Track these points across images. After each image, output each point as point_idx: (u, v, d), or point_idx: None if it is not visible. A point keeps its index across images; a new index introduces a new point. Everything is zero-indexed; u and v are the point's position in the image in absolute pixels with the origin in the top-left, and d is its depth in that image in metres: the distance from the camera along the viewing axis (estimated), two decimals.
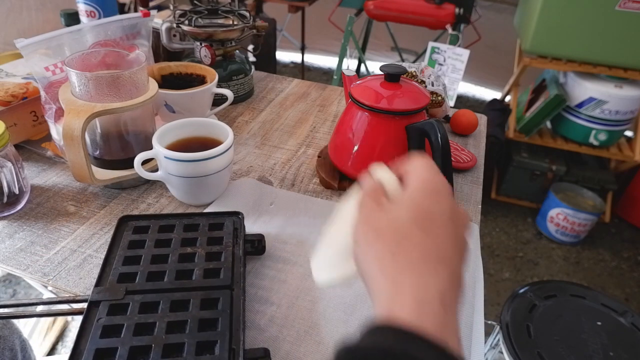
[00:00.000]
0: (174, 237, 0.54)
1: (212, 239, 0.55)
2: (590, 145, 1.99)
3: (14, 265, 0.56)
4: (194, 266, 0.51)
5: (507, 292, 1.75)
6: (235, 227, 0.57)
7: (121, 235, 0.55)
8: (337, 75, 2.09)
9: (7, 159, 0.60)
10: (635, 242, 2.07)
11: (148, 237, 0.54)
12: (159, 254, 0.52)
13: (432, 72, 0.88)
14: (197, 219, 0.58)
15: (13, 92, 0.71)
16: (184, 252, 0.53)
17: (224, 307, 0.47)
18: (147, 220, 0.57)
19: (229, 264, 0.52)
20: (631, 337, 0.88)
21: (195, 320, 0.45)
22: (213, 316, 0.46)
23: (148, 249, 0.53)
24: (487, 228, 2.08)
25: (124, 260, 0.51)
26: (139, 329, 0.44)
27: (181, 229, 0.56)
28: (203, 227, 0.56)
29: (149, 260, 0.51)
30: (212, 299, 0.48)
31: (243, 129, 0.87)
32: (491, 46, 2.52)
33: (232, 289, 0.49)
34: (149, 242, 0.54)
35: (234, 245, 0.55)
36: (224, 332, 0.44)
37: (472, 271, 0.58)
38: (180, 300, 0.47)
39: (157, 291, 0.48)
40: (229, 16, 0.92)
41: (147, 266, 0.50)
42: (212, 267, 0.51)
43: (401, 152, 0.65)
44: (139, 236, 0.54)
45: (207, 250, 0.53)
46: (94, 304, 0.46)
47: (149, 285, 0.49)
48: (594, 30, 1.72)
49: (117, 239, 0.54)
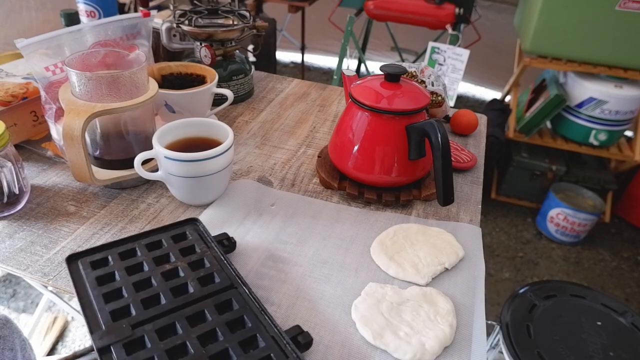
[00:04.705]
0: (142, 260, 0.52)
1: (184, 249, 0.54)
2: (590, 145, 1.99)
3: (14, 265, 0.56)
4: (184, 279, 0.50)
5: (507, 292, 1.75)
6: (199, 233, 0.56)
7: (80, 276, 0.50)
8: (337, 75, 2.09)
9: (7, 159, 0.60)
10: (635, 242, 2.07)
11: (113, 268, 0.50)
12: (138, 280, 0.49)
13: (432, 72, 0.88)
14: (156, 236, 0.55)
15: (13, 92, 0.71)
16: (164, 270, 0.50)
17: (241, 305, 0.47)
18: (100, 252, 0.52)
19: (216, 266, 0.51)
20: (631, 337, 0.88)
21: (222, 324, 0.45)
22: (236, 315, 0.46)
23: (123, 279, 0.49)
24: (487, 228, 2.08)
25: (104, 298, 0.47)
26: (171, 354, 0.42)
27: (145, 249, 0.53)
28: (166, 241, 0.55)
29: (132, 289, 0.48)
30: (224, 301, 0.48)
31: (243, 129, 0.87)
32: (491, 46, 2.52)
33: (235, 287, 0.49)
34: (119, 272, 0.50)
35: (210, 249, 0.54)
36: (256, 325, 0.45)
37: (473, 272, 0.58)
38: (194, 314, 0.46)
39: (164, 314, 0.46)
40: (229, 16, 0.92)
41: (135, 295, 0.47)
42: (203, 274, 0.50)
43: (401, 152, 0.65)
44: (102, 270, 0.50)
45: (187, 261, 0.52)
46: (103, 351, 0.42)
47: (152, 311, 0.46)
48: (594, 30, 1.72)
49: (79, 281, 0.49)
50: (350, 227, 0.64)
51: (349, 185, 0.70)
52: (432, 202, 0.71)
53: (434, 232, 0.62)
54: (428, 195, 0.70)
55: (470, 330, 0.50)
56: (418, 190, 0.71)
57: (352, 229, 0.64)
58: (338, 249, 0.60)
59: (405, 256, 0.58)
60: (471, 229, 0.65)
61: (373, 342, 0.48)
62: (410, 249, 0.59)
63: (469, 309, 0.53)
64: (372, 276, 0.57)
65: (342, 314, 0.52)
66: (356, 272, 0.57)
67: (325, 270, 0.57)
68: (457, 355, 0.48)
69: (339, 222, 0.65)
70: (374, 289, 0.53)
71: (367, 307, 0.51)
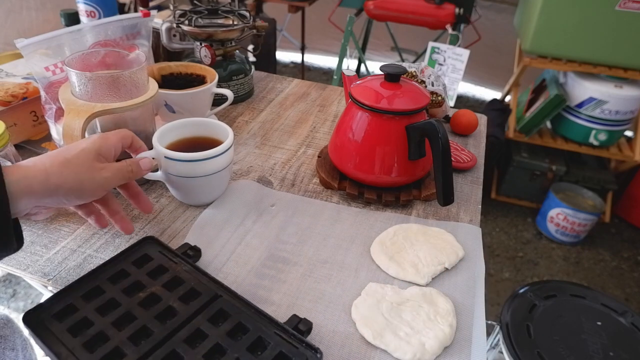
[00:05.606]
0: (112, 296, 0.48)
1: (152, 272, 0.51)
2: (590, 145, 2.00)
3: (14, 265, 0.56)
4: (166, 303, 0.47)
5: (507, 292, 1.75)
6: (160, 251, 0.54)
7: (50, 332, 0.44)
8: (337, 75, 2.09)
9: (7, 159, 0.60)
10: (635, 242, 2.07)
11: (83, 313, 0.46)
12: (117, 318, 0.45)
13: (432, 72, 0.88)
14: (116, 266, 0.51)
15: (13, 92, 0.71)
16: (140, 300, 0.47)
17: (233, 311, 0.46)
18: (61, 300, 0.47)
19: (193, 280, 0.50)
20: (631, 337, 0.88)
21: (223, 336, 0.44)
22: (234, 323, 0.45)
23: (99, 322, 0.45)
24: (487, 228, 2.08)
25: (86, 347, 0.42)
26: None
27: (109, 284, 0.49)
28: (129, 269, 0.51)
29: (114, 329, 0.44)
30: (216, 313, 0.46)
31: (243, 129, 0.87)
32: (491, 46, 2.52)
33: (221, 295, 0.48)
34: (91, 315, 0.45)
35: (178, 264, 0.52)
36: (256, 326, 0.44)
37: (473, 272, 0.58)
38: (190, 335, 0.44)
39: (159, 345, 0.43)
40: (229, 16, 0.92)
41: (120, 335, 0.43)
42: (183, 292, 0.48)
43: (401, 152, 0.65)
44: (71, 320, 0.45)
45: (161, 283, 0.49)
46: None
47: (145, 345, 0.43)
48: (594, 30, 1.72)
49: (48, 338, 0.43)
50: (350, 227, 0.64)
51: (349, 185, 0.70)
52: (432, 202, 0.71)
53: (434, 232, 0.62)
54: (428, 195, 0.70)
55: (470, 330, 0.50)
56: (418, 190, 0.71)
57: (352, 229, 0.64)
58: (338, 249, 0.60)
59: (405, 256, 0.58)
60: (471, 229, 0.65)
61: (373, 342, 0.48)
62: (410, 249, 0.59)
63: (469, 309, 0.53)
64: (372, 276, 0.57)
65: (342, 314, 0.52)
66: (356, 272, 0.57)
67: (325, 270, 0.57)
68: (457, 355, 0.48)
69: (339, 222, 0.65)
70: (374, 289, 0.53)
71: (367, 307, 0.51)
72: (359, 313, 0.51)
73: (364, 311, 0.51)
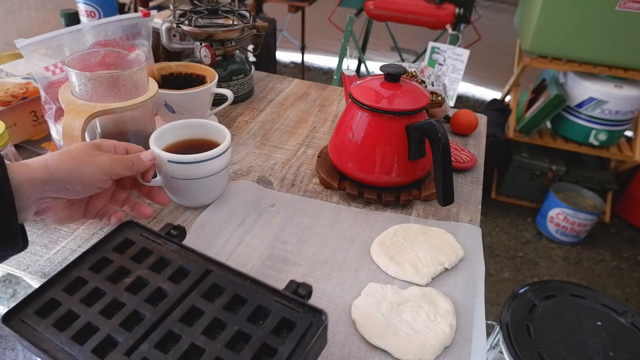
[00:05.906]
0: (96, 285, 0.45)
1: (136, 256, 0.48)
2: (590, 145, 2.00)
3: (14, 265, 0.56)
4: (154, 285, 0.44)
5: (507, 292, 1.75)
6: (142, 233, 0.51)
7: (34, 330, 0.41)
8: (337, 75, 2.09)
9: (6, 159, 0.60)
10: (635, 242, 2.07)
11: (68, 306, 0.43)
12: (104, 307, 0.43)
13: (432, 72, 0.88)
14: (97, 254, 0.48)
15: (13, 92, 0.71)
16: (126, 285, 0.45)
17: (227, 284, 0.44)
18: (40, 296, 0.44)
19: (181, 258, 0.47)
20: (631, 337, 0.88)
21: (220, 310, 0.42)
22: (230, 296, 0.43)
23: (86, 313, 0.42)
24: (487, 228, 2.08)
25: (75, 340, 0.40)
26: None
27: (91, 273, 0.46)
28: (112, 255, 0.48)
29: (103, 318, 0.42)
30: (210, 288, 0.44)
31: (243, 129, 0.87)
32: (491, 46, 2.52)
33: (212, 270, 0.46)
34: (76, 307, 0.43)
35: (162, 245, 0.49)
36: (254, 296, 0.43)
37: (473, 272, 0.58)
38: (185, 314, 0.42)
39: (153, 328, 0.41)
40: (229, 16, 0.92)
41: (110, 323, 0.41)
42: (172, 272, 0.46)
43: (401, 152, 0.65)
44: (56, 315, 0.42)
45: (147, 266, 0.47)
46: None
47: (139, 330, 0.41)
48: (594, 30, 1.72)
49: (34, 336, 0.41)
50: (350, 227, 0.64)
51: (349, 185, 0.70)
52: (432, 202, 0.71)
53: (434, 232, 0.62)
54: (428, 195, 0.70)
55: (470, 330, 0.50)
56: (418, 190, 0.71)
57: (352, 229, 0.64)
58: (338, 249, 0.60)
59: (405, 256, 0.58)
60: (471, 229, 0.65)
61: (373, 342, 0.48)
62: (410, 249, 0.59)
63: (469, 309, 0.53)
64: (372, 276, 0.57)
65: (342, 314, 0.52)
66: (356, 272, 0.57)
67: (325, 270, 0.57)
68: (457, 355, 0.48)
69: (338, 222, 0.65)
70: (374, 289, 0.53)
71: (367, 307, 0.51)
72: (359, 313, 0.51)
73: (364, 311, 0.51)
